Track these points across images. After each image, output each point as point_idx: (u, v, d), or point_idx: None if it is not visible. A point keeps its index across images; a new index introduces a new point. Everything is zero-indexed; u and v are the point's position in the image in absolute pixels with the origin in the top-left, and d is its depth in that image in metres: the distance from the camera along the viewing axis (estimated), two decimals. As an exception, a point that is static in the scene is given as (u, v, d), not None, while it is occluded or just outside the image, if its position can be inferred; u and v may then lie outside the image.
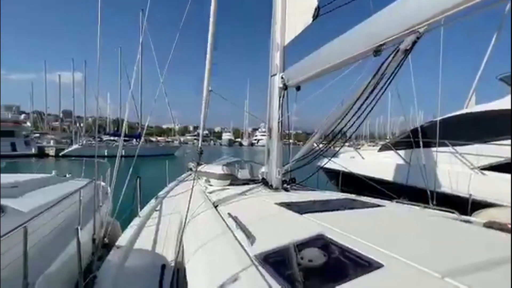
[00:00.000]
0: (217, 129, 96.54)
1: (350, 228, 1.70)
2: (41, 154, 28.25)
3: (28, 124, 33.07)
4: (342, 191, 5.32)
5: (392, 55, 1.97)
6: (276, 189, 3.49)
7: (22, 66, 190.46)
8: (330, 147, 2.96)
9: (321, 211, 2.18)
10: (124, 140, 28.39)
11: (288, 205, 2.39)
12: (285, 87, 3.32)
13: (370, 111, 2.26)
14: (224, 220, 2.26)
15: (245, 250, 1.60)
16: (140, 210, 3.71)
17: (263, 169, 4.50)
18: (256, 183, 4.58)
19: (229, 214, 2.28)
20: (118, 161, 2.60)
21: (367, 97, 2.24)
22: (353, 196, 2.95)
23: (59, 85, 42.92)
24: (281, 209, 2.33)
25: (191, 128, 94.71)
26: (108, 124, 45.08)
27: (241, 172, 5.22)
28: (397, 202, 2.81)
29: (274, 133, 3.54)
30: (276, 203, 2.53)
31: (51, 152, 29.00)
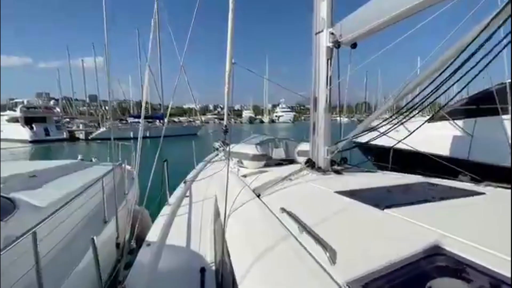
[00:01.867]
0: (236, 107, 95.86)
1: (473, 235, 1.13)
2: (72, 138, 29.62)
3: (58, 109, 34.31)
4: (392, 170, 4.67)
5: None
6: (325, 171, 2.92)
7: (47, 55, 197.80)
8: (406, 121, 2.30)
9: (406, 204, 1.60)
10: (148, 122, 29.02)
11: (355, 195, 1.85)
12: (337, 45, 2.62)
13: (485, 67, 1.55)
14: (277, 217, 1.75)
15: (326, 271, 1.09)
16: (169, 196, 3.39)
17: (300, 148, 3.97)
18: (293, 163, 4.06)
19: (282, 209, 1.77)
20: (140, 143, 2.18)
21: (479, 48, 1.52)
22: (427, 179, 2.34)
23: (82, 70, 44.02)
24: (348, 201, 1.79)
25: (211, 107, 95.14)
26: (132, 106, 46.09)
27: (275, 151, 4.73)
28: (486, 185, 2.19)
29: (321, 104, 2.91)
30: (336, 192, 1.99)
31: (81, 135, 30.24)
